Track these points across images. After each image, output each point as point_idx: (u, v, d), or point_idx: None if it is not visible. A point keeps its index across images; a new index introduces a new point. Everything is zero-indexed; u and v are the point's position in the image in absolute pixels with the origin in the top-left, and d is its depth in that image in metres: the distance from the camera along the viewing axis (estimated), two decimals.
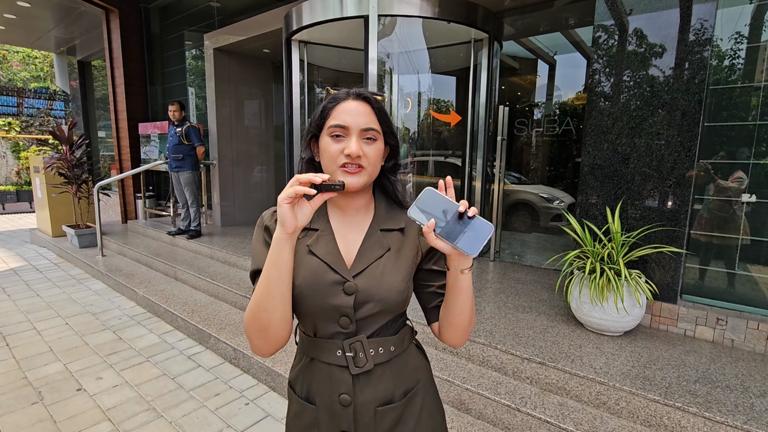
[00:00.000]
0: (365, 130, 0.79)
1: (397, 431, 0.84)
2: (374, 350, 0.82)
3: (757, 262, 2.45)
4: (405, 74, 4.81)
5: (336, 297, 0.79)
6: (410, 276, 0.85)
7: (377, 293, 0.80)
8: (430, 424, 0.88)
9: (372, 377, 0.82)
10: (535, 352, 2.22)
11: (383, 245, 0.84)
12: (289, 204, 0.70)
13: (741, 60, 2.44)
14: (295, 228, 0.72)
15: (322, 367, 0.83)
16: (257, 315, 0.75)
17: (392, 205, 0.90)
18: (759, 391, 1.91)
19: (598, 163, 2.70)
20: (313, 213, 0.73)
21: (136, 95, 6.71)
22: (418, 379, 0.89)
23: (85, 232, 5.62)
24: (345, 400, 0.81)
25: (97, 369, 2.77)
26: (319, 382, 0.84)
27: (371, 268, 0.81)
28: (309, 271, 0.81)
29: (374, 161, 0.81)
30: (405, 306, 0.86)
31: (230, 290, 3.57)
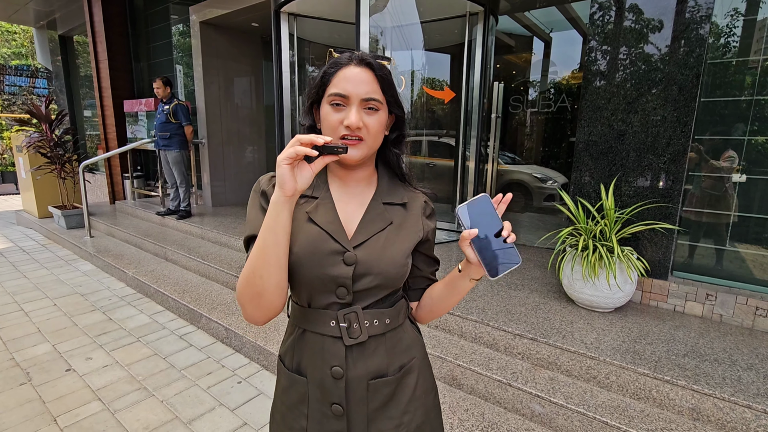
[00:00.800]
0: (366, 100, 0.75)
1: (389, 407, 0.82)
2: (369, 322, 0.79)
3: (746, 238, 2.46)
4: (398, 50, 4.68)
5: (335, 267, 0.76)
6: (410, 252, 0.83)
7: (377, 266, 0.77)
8: (424, 403, 0.87)
9: (366, 350, 0.80)
10: (527, 329, 2.23)
11: (385, 219, 0.82)
12: (289, 165, 0.67)
13: (737, 36, 2.39)
14: (294, 191, 0.68)
15: (314, 338, 0.81)
16: (251, 281, 0.72)
17: (395, 179, 0.88)
18: (746, 364, 1.94)
19: (593, 139, 2.67)
20: (313, 177, 0.70)
21: (121, 71, 6.49)
22: (413, 355, 0.87)
23: (72, 213, 5.51)
24: (337, 372, 0.78)
25: (87, 349, 2.74)
26: (311, 354, 0.81)
27: (372, 241, 0.79)
28: (308, 239, 0.77)
29: (375, 133, 0.77)
30: (403, 281, 0.84)
31: (221, 270, 3.53)
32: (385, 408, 0.81)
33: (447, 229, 4.42)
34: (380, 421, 0.81)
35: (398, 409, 0.82)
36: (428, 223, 0.87)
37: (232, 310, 3.03)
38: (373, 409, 0.80)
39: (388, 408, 0.82)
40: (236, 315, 2.96)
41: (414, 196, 0.88)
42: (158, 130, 4.89)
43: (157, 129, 4.90)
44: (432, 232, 0.88)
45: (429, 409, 0.88)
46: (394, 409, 0.82)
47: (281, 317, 2.92)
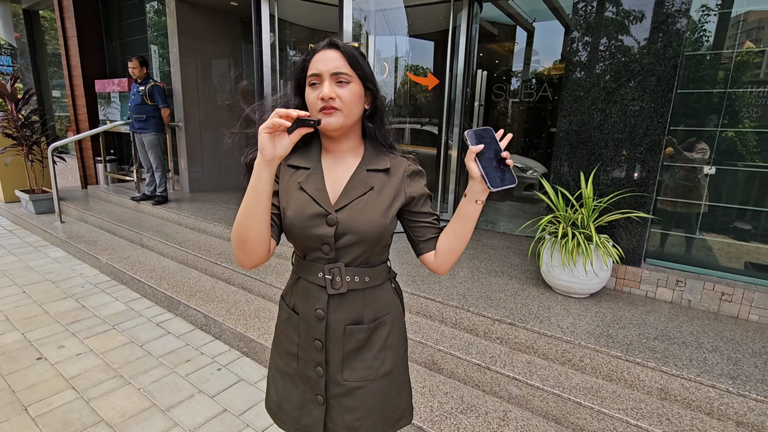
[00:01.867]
0: (335, 74, 0.86)
1: (363, 351, 0.96)
2: (350, 277, 0.92)
3: (714, 228, 2.56)
4: (381, 35, 4.61)
5: (319, 227, 0.89)
6: (389, 212, 0.92)
7: (356, 226, 0.89)
8: (393, 353, 1.00)
9: (345, 300, 0.94)
10: (505, 314, 2.27)
11: (366, 184, 0.92)
12: (268, 134, 0.77)
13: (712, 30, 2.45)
14: (273, 156, 0.79)
15: (306, 285, 0.96)
16: (238, 230, 0.85)
17: (379, 148, 0.97)
18: (711, 346, 2.04)
19: (573, 129, 2.71)
20: (291, 145, 0.80)
21: (91, 49, 6.19)
22: (387, 312, 0.99)
23: (41, 198, 5.29)
24: (320, 314, 0.94)
25: (59, 338, 2.66)
26: (303, 296, 0.97)
27: (353, 204, 0.90)
28: (298, 204, 0.91)
29: (349, 102, 0.87)
30: (383, 240, 0.93)
31: (200, 257, 3.46)
32: (359, 351, 0.96)
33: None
34: (354, 361, 0.95)
35: (370, 353, 0.96)
36: (411, 184, 0.96)
37: (211, 297, 2.99)
38: (348, 350, 0.95)
39: (361, 352, 0.96)
40: (215, 302, 2.91)
41: (399, 161, 0.97)
42: (133, 112, 4.70)
43: (132, 111, 4.71)
44: (419, 193, 0.97)
45: (397, 360, 1.01)
46: (367, 353, 0.96)
47: (263, 305, 2.90)
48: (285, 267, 3.22)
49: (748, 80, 2.38)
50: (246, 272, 3.11)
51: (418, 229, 0.99)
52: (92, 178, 6.42)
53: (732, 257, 2.52)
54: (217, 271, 3.34)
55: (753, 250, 2.47)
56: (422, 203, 0.97)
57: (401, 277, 2.72)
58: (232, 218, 4.18)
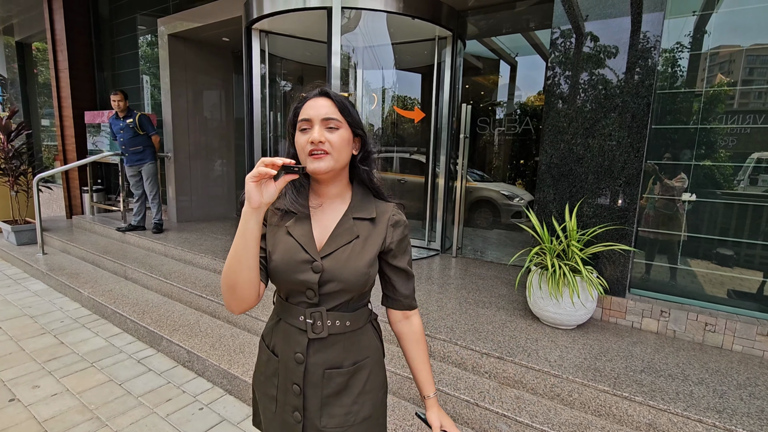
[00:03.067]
0: (326, 120, 0.89)
1: (342, 396, 0.95)
2: (332, 322, 0.93)
3: (696, 256, 2.62)
4: (370, 69, 4.76)
5: (304, 273, 0.90)
6: (374, 262, 0.95)
7: (341, 274, 0.90)
8: (372, 397, 0.99)
9: (326, 344, 0.94)
10: (493, 347, 2.26)
11: (353, 233, 0.93)
12: (254, 183, 0.80)
13: (684, 68, 2.58)
14: (259, 204, 0.82)
15: (286, 327, 0.96)
16: (227, 275, 0.86)
17: (367, 195, 0.99)
18: (697, 378, 2.04)
19: (555, 162, 2.78)
20: (277, 192, 0.83)
21: (82, 81, 6.25)
22: (367, 355, 0.99)
23: (24, 228, 5.20)
24: (299, 358, 0.93)
25: (34, 377, 2.56)
26: (283, 339, 0.97)
27: (338, 252, 0.91)
28: (285, 249, 0.92)
29: (338, 147, 0.90)
30: (366, 288, 0.95)
31: (185, 289, 3.41)
32: (338, 396, 0.95)
33: (417, 246, 4.46)
34: (333, 407, 0.94)
35: (349, 398, 0.95)
36: (392, 232, 0.97)
37: (195, 332, 2.92)
38: (327, 395, 0.94)
39: (340, 397, 0.95)
40: (199, 337, 2.85)
41: (384, 209, 0.99)
42: (128, 146, 4.71)
43: (127, 145, 4.72)
44: (398, 243, 0.98)
45: (377, 404, 1.00)
46: (346, 398, 0.95)
47: (248, 340, 2.84)
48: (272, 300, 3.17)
49: (723, 111, 2.49)
50: None
51: (388, 281, 1.03)
52: (78, 208, 6.35)
53: (715, 285, 2.57)
54: (202, 304, 3.28)
55: (734, 277, 2.52)
56: (397, 257, 0.99)
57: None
58: (219, 249, 4.14)
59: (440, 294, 3.07)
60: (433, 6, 3.69)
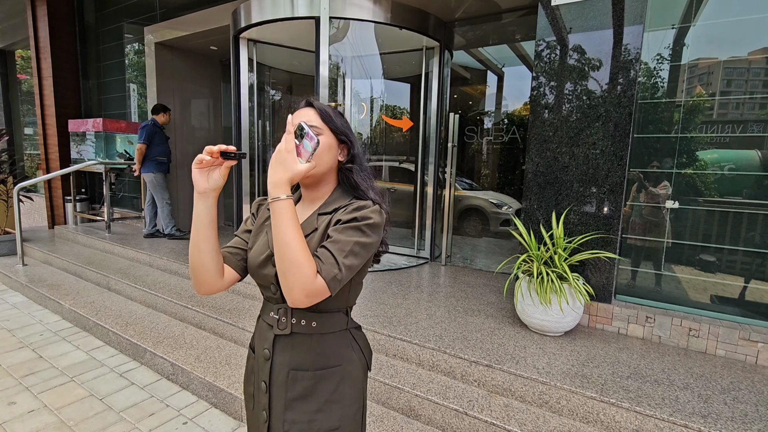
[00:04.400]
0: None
1: (306, 400, 0.94)
2: (296, 320, 0.94)
3: (680, 263, 2.66)
4: (358, 79, 4.79)
5: (266, 267, 0.94)
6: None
7: None
8: (341, 409, 0.95)
9: (290, 342, 0.95)
10: (482, 355, 2.26)
11: (311, 226, 0.94)
12: (197, 169, 0.87)
13: (664, 79, 2.65)
14: (205, 189, 0.88)
15: (261, 323, 1.01)
16: (189, 257, 0.93)
17: (345, 194, 0.99)
18: (682, 383, 2.06)
19: (541, 170, 2.82)
20: (223, 179, 0.88)
21: (67, 89, 6.17)
22: (338, 363, 0.96)
23: (3, 239, 5.06)
24: (266, 354, 0.96)
25: (10, 393, 2.47)
26: (258, 335, 1.01)
27: None
28: (258, 245, 0.97)
29: (318, 152, 0.92)
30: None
31: (170, 300, 3.34)
32: (303, 401, 0.93)
33: (407, 255, 4.46)
34: (295, 412, 0.93)
35: (314, 405, 0.93)
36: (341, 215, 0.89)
37: (179, 344, 2.86)
38: (291, 397, 0.93)
39: (306, 402, 0.93)
40: (184, 349, 2.79)
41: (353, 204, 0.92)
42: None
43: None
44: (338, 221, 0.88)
45: (346, 417, 0.96)
46: (310, 404, 0.93)
47: (234, 351, 2.79)
48: (258, 310, 3.13)
49: (701, 122, 2.56)
50: (218, 316, 3.01)
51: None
52: (60, 218, 6.22)
53: (699, 291, 2.61)
54: (187, 315, 3.22)
55: (717, 283, 2.56)
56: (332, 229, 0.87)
57: (378, 319, 2.69)
58: None
59: (429, 302, 3.06)
60: (421, 17, 3.74)
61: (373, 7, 3.51)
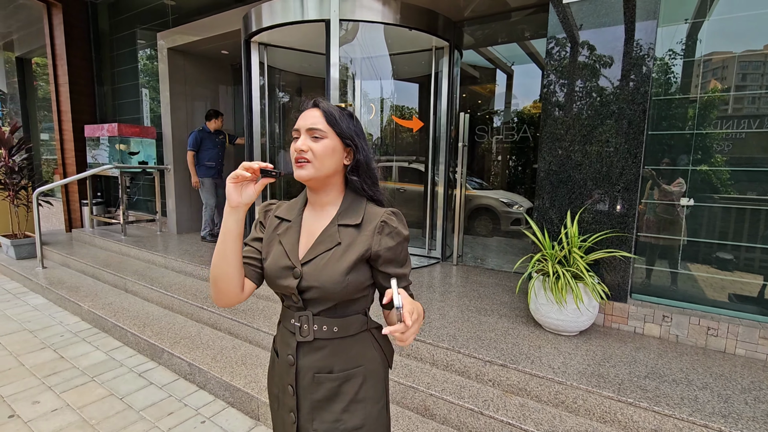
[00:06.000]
0: (310, 129, 0.94)
1: (332, 402, 0.96)
2: (318, 326, 0.95)
3: (696, 261, 2.62)
4: (368, 80, 4.81)
5: (286, 279, 0.95)
6: (353, 270, 0.93)
7: (318, 280, 0.92)
8: (365, 408, 0.98)
9: (313, 348, 0.96)
10: (497, 355, 2.26)
11: (334, 240, 0.95)
12: (233, 183, 0.88)
13: (678, 74, 2.62)
14: (238, 203, 0.90)
15: (283, 330, 1.02)
16: (212, 269, 0.94)
17: (358, 201, 1.00)
18: (701, 383, 2.04)
19: (554, 169, 2.80)
20: (256, 194, 0.91)
21: (82, 95, 6.30)
22: (360, 363, 0.99)
23: (23, 242, 5.19)
24: (290, 360, 0.98)
25: (34, 392, 2.54)
26: (280, 341, 1.03)
27: (317, 259, 0.94)
28: (274, 255, 0.98)
29: (321, 155, 0.93)
30: (349, 295, 0.94)
31: (186, 301, 3.40)
32: (329, 402, 0.96)
33: (418, 255, 4.46)
34: (323, 412, 0.96)
35: (340, 405, 0.96)
36: (384, 241, 0.94)
37: (196, 344, 2.91)
38: (317, 399, 0.96)
39: (331, 403, 0.96)
40: (201, 349, 2.83)
41: (374, 214, 0.97)
42: None
43: None
44: (390, 249, 0.94)
45: (370, 416, 0.98)
46: (336, 404, 0.96)
47: (250, 351, 2.82)
48: (273, 310, 3.17)
49: (716, 117, 2.52)
50: (233, 317, 3.05)
51: (381, 285, 0.99)
52: (77, 222, 6.35)
53: (716, 289, 2.57)
54: (203, 316, 3.27)
55: (735, 281, 2.52)
56: (385, 262, 0.95)
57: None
58: None
59: (442, 302, 3.06)
60: (430, 17, 3.75)
61: (382, 8, 3.52)
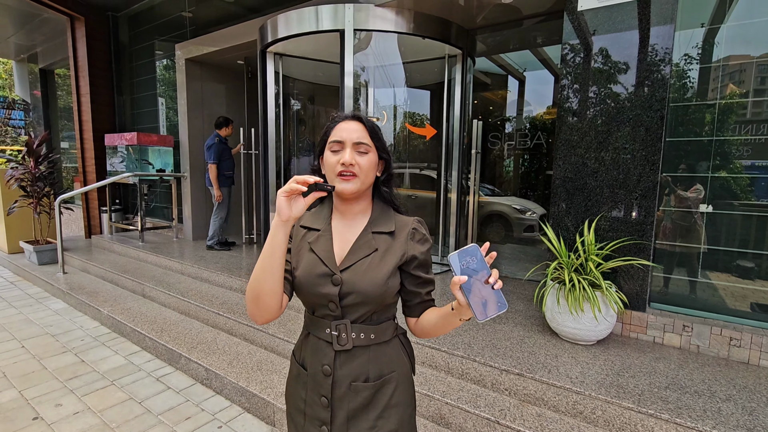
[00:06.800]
0: (357, 144, 0.94)
1: (368, 410, 0.96)
2: (356, 334, 0.95)
3: (716, 269, 2.57)
4: (381, 87, 4.85)
5: (325, 286, 0.94)
6: (392, 275, 0.96)
7: (359, 286, 0.92)
8: (398, 413, 0.98)
9: (351, 356, 0.96)
10: (512, 364, 2.24)
11: (371, 246, 0.96)
12: (285, 197, 0.85)
13: (695, 79, 2.59)
14: (288, 217, 0.86)
15: (315, 340, 0.99)
16: (253, 285, 0.90)
17: (387, 210, 1.03)
18: (725, 395, 1.99)
19: (569, 176, 2.79)
20: (306, 207, 0.88)
21: (103, 105, 6.48)
22: (393, 369, 1.00)
23: (45, 248, 5.33)
24: (326, 370, 0.96)
25: (57, 395, 2.59)
26: (311, 352, 0.99)
27: (357, 265, 0.94)
28: (307, 264, 0.97)
29: (366, 170, 0.95)
30: (387, 300, 0.96)
31: (202, 307, 3.44)
32: (364, 410, 0.95)
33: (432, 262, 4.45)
34: (359, 421, 0.95)
35: (375, 412, 0.96)
36: (415, 246, 0.99)
37: (212, 349, 2.94)
38: (353, 408, 0.95)
39: (366, 411, 0.95)
40: (217, 354, 2.87)
41: (404, 223, 1.02)
42: None
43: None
44: (422, 253, 0.99)
45: (403, 420, 0.99)
46: (371, 412, 0.96)
47: (266, 357, 2.85)
48: (288, 317, 3.19)
49: (735, 122, 2.48)
50: (249, 323, 3.08)
51: (408, 291, 1.01)
52: (96, 228, 6.50)
53: (737, 298, 2.51)
54: (219, 321, 3.31)
55: (757, 290, 2.47)
56: (417, 266, 0.99)
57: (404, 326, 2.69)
58: (234, 266, 4.19)
59: None
60: (443, 26, 3.78)
61: (396, 18, 3.56)
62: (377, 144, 0.97)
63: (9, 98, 12.38)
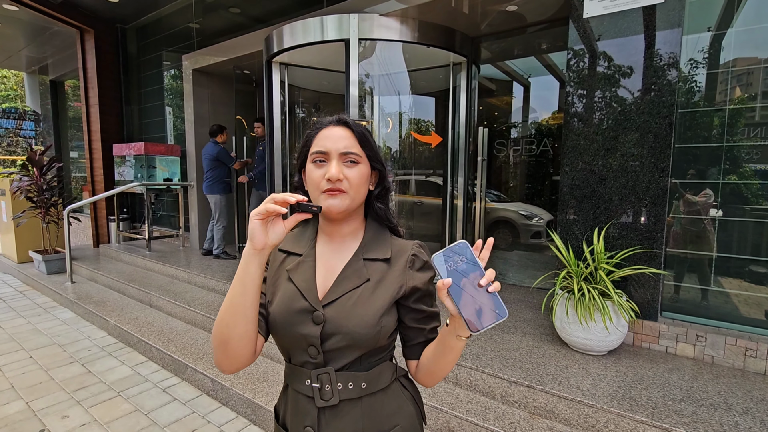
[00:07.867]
0: (345, 154, 0.78)
1: None
2: (342, 384, 0.77)
3: (729, 276, 2.52)
4: (386, 95, 4.86)
5: (304, 326, 0.77)
6: (387, 311, 0.79)
7: (346, 325, 0.76)
8: None
9: (338, 413, 0.77)
10: (522, 375, 2.20)
11: (362, 276, 0.80)
12: (260, 220, 0.69)
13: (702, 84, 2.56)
14: (264, 245, 0.70)
15: (294, 395, 0.81)
16: (219, 328, 0.73)
17: (382, 232, 0.86)
18: (742, 408, 1.93)
19: (576, 183, 2.76)
20: (286, 233, 0.72)
21: (111, 115, 6.56)
22: (396, 423, 0.81)
23: (54, 258, 5.37)
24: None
25: (63, 406, 2.59)
26: (292, 410, 0.82)
27: (343, 299, 0.78)
28: (284, 297, 0.80)
29: (356, 184, 0.79)
30: (380, 342, 0.79)
31: (208, 317, 3.44)
32: None
33: None
34: None
35: None
36: (416, 276, 0.82)
37: None
38: None
39: None
40: None
41: (402, 247, 0.85)
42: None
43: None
44: (424, 283, 0.83)
45: None
46: None
47: (272, 368, 2.83)
48: None
49: (744, 125, 2.44)
50: None
51: (409, 327, 0.84)
52: (104, 237, 6.54)
53: (752, 306, 2.46)
54: None
55: None
56: (419, 299, 0.83)
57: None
58: None
59: None
60: (447, 34, 3.78)
61: (400, 27, 3.57)
62: (368, 152, 0.81)
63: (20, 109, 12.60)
